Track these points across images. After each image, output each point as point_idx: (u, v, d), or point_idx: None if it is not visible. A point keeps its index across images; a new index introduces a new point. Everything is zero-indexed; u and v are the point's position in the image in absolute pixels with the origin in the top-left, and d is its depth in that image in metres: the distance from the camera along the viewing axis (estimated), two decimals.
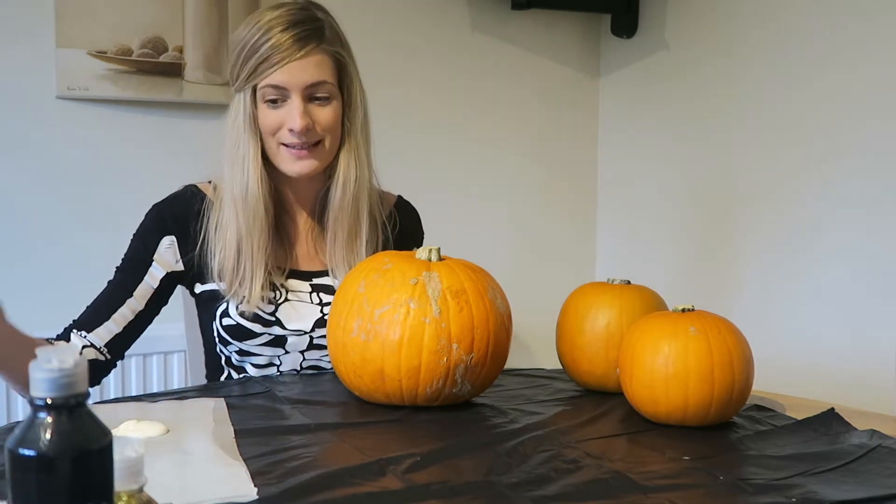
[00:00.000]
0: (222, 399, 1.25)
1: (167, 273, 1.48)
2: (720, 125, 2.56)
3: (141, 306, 1.46)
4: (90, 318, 1.44)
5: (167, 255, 1.47)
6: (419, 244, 1.63)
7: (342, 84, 1.46)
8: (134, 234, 1.50)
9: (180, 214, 1.48)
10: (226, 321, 1.45)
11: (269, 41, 1.38)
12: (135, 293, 1.46)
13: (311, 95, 1.42)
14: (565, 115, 2.92)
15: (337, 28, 1.46)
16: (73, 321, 1.46)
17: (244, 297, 1.44)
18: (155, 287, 1.47)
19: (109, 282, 1.48)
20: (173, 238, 1.48)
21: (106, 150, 2.26)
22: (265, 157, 1.46)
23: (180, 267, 1.48)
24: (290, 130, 1.41)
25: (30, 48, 2.16)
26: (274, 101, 1.41)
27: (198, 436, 1.08)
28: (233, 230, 1.44)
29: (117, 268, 1.49)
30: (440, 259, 1.27)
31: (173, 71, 2.28)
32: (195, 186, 1.52)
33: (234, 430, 1.09)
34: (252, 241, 1.43)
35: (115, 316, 1.44)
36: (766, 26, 2.41)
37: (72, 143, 2.22)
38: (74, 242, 2.23)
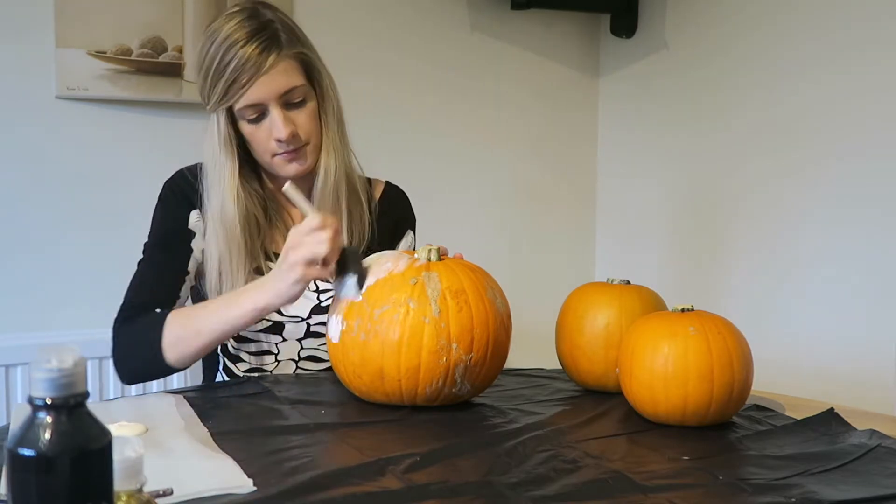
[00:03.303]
0: (181, 395, 1.26)
1: (203, 249, 1.49)
2: (720, 125, 2.56)
3: (193, 281, 1.50)
4: (167, 297, 1.44)
5: (199, 227, 1.49)
6: (411, 227, 1.65)
7: (312, 81, 1.47)
8: (158, 213, 1.50)
9: (197, 188, 1.49)
10: None
11: (232, 61, 1.38)
12: (189, 269, 1.48)
13: (287, 102, 1.42)
14: (565, 115, 2.92)
15: (290, 24, 1.45)
16: (146, 303, 1.42)
17: None
18: (200, 260, 1.49)
19: (147, 261, 1.47)
20: (199, 211, 1.49)
21: (105, 150, 2.26)
22: (252, 168, 1.48)
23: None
24: (278, 140, 1.42)
25: (30, 48, 2.16)
26: (255, 119, 1.42)
27: (173, 433, 1.07)
28: (214, 252, 1.45)
29: (152, 244, 1.48)
30: (439, 259, 1.27)
31: (172, 71, 2.28)
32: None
33: (206, 425, 1.09)
34: (230, 260, 1.44)
35: (181, 292, 1.47)
36: (765, 26, 2.41)
37: (71, 143, 2.22)
38: (74, 242, 2.23)
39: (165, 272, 1.46)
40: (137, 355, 1.38)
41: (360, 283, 1.24)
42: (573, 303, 1.36)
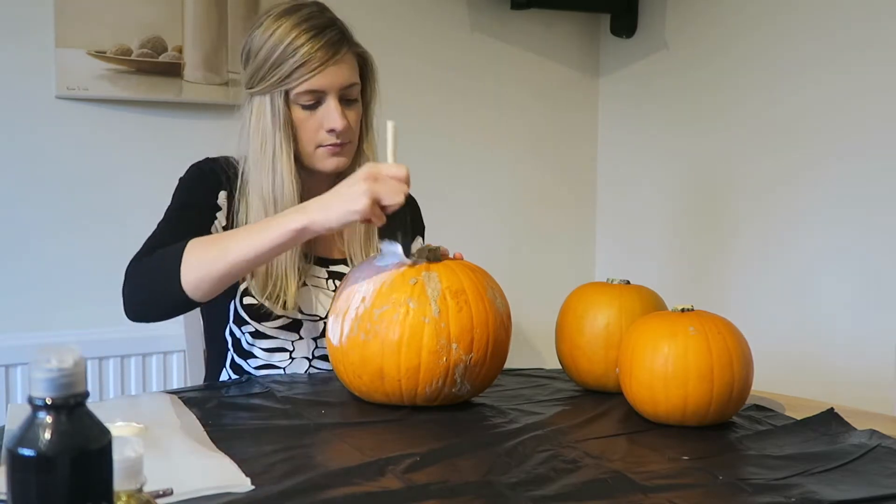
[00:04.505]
0: (175, 396, 1.26)
1: (224, 226, 1.46)
2: (720, 125, 2.56)
3: None
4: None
5: (225, 209, 1.47)
6: (421, 234, 1.66)
7: (364, 83, 1.52)
8: (184, 184, 1.47)
9: (226, 174, 1.48)
10: (247, 300, 1.46)
11: (302, 46, 1.41)
12: (211, 233, 1.42)
13: (343, 97, 1.46)
14: (565, 115, 2.92)
15: (347, 26, 1.51)
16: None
17: (281, 300, 1.43)
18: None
19: (169, 219, 1.41)
20: (226, 194, 1.47)
21: (105, 150, 2.26)
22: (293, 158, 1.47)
23: (226, 223, 1.47)
24: (331, 131, 1.44)
25: (30, 48, 2.16)
26: (310, 106, 1.44)
27: (170, 432, 1.07)
28: None
29: (177, 208, 1.44)
30: (439, 259, 1.27)
31: (172, 71, 2.28)
32: (233, 158, 1.51)
33: (204, 425, 1.09)
34: None
35: None
36: (765, 26, 2.41)
37: (71, 143, 2.22)
38: (74, 242, 2.23)
39: (188, 228, 1.37)
40: (150, 282, 1.29)
41: (406, 248, 1.23)
42: (573, 303, 1.36)
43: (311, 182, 1.50)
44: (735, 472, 0.97)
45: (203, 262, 1.25)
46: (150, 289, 1.29)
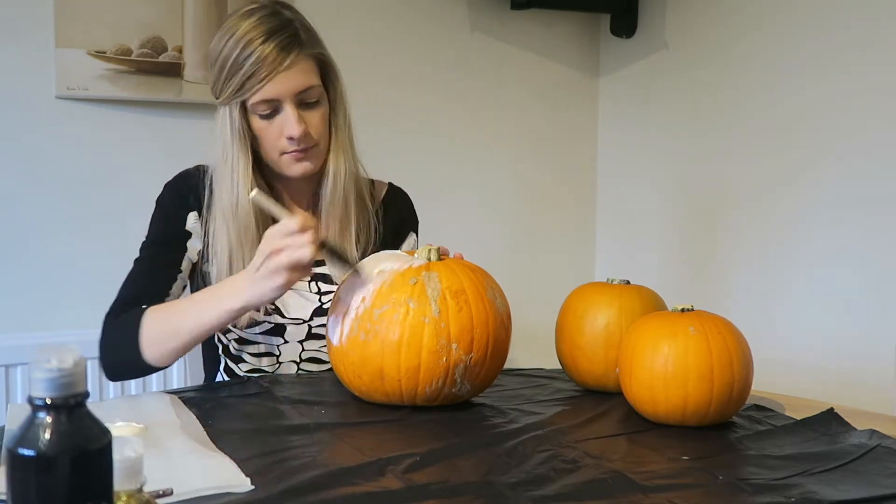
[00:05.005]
0: (176, 396, 1.26)
1: (201, 248, 1.48)
2: (719, 125, 2.56)
3: (186, 281, 1.49)
4: (156, 293, 1.43)
5: (197, 229, 1.48)
6: (414, 229, 1.65)
7: (326, 83, 1.47)
8: (156, 214, 1.50)
9: (197, 191, 1.49)
10: None
11: (251, 56, 1.37)
12: (182, 268, 1.47)
13: (301, 101, 1.42)
14: (565, 115, 2.92)
15: (308, 25, 1.46)
16: (136, 298, 1.41)
17: None
18: (194, 262, 1.49)
19: (142, 259, 1.47)
20: (196, 214, 1.48)
21: (105, 150, 2.26)
22: (258, 164, 1.47)
23: (201, 244, 1.49)
24: (290, 138, 1.42)
25: (29, 48, 2.16)
26: (268, 115, 1.42)
27: (171, 432, 1.07)
28: (223, 244, 1.44)
29: (148, 244, 1.48)
30: (439, 259, 1.27)
31: (172, 71, 2.28)
32: (205, 166, 1.51)
33: (203, 424, 1.09)
34: (243, 254, 1.42)
35: (172, 291, 1.46)
36: (765, 26, 2.41)
37: (71, 142, 2.22)
38: (73, 242, 2.23)
39: (158, 269, 1.46)
40: (119, 352, 1.37)
41: (343, 263, 1.29)
42: (573, 303, 1.36)
43: (288, 187, 1.51)
44: (735, 472, 0.97)
45: (159, 341, 1.35)
46: (121, 363, 1.39)
